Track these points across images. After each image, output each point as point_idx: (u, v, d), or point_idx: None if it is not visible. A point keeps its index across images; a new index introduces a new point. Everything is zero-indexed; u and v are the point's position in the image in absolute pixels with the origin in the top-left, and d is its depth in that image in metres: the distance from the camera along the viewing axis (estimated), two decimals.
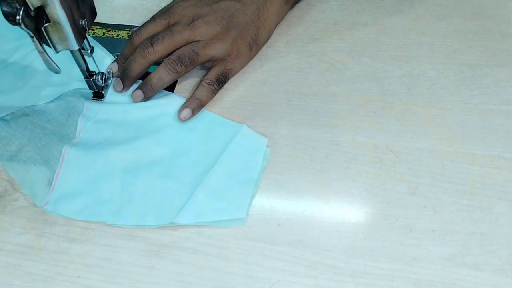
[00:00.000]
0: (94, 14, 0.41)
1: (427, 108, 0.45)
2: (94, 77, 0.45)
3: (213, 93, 0.46)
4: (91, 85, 0.45)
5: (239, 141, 0.43)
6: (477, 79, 0.47)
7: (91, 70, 0.44)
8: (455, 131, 0.43)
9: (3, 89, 0.48)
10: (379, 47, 0.50)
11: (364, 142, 0.43)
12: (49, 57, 0.38)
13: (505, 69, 0.47)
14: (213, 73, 0.46)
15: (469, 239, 0.37)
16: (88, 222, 0.39)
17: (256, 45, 0.48)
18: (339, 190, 0.40)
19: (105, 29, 0.53)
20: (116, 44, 0.52)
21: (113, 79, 0.48)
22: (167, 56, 0.45)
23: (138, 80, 0.47)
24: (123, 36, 0.53)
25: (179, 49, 0.45)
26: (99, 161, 0.42)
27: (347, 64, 0.49)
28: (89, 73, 0.44)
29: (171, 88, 0.48)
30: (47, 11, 0.35)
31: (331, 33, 0.52)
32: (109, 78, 0.47)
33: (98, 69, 0.45)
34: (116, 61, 0.48)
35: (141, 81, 0.46)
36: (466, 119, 0.44)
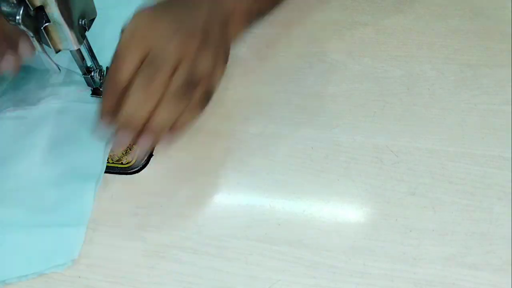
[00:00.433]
0: (94, 14, 0.41)
1: (427, 108, 0.45)
2: (92, 74, 0.45)
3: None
4: (89, 82, 0.45)
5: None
6: (477, 79, 0.47)
7: (90, 66, 0.44)
8: (455, 131, 0.43)
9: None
10: (379, 47, 0.50)
11: (364, 142, 0.43)
12: (49, 57, 0.38)
13: (505, 69, 0.47)
14: None
15: (469, 239, 0.37)
16: (88, 221, 0.39)
17: None
18: (339, 190, 0.40)
19: None
20: None
21: None
22: None
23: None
24: None
25: None
26: None
27: (347, 64, 0.49)
28: (87, 69, 0.44)
29: None
30: (47, 11, 0.35)
31: (331, 33, 0.52)
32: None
33: (96, 65, 0.45)
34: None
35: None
36: (466, 119, 0.44)
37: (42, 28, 0.36)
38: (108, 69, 0.47)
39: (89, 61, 0.44)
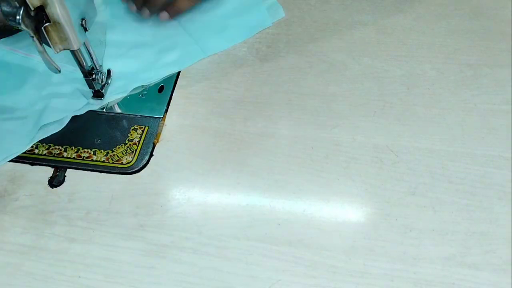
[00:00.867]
0: (94, 14, 0.42)
1: (427, 108, 0.45)
2: (94, 76, 0.45)
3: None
4: (90, 84, 0.45)
5: None
6: (477, 79, 0.47)
7: (91, 66, 0.44)
8: (455, 131, 0.43)
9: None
10: (379, 47, 0.50)
11: (364, 142, 0.43)
12: (49, 57, 0.38)
13: (505, 69, 0.47)
14: None
15: (469, 239, 0.37)
16: (88, 222, 0.39)
17: None
18: (339, 190, 0.40)
19: None
20: None
21: (112, 78, 0.47)
22: None
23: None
24: None
25: None
26: None
27: (347, 64, 0.49)
28: (89, 72, 0.44)
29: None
30: (47, 11, 0.35)
31: (331, 33, 0.52)
32: (108, 77, 0.47)
33: (99, 66, 0.45)
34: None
35: None
36: (466, 119, 0.44)
37: (42, 28, 0.36)
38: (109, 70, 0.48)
39: (89, 61, 0.44)
